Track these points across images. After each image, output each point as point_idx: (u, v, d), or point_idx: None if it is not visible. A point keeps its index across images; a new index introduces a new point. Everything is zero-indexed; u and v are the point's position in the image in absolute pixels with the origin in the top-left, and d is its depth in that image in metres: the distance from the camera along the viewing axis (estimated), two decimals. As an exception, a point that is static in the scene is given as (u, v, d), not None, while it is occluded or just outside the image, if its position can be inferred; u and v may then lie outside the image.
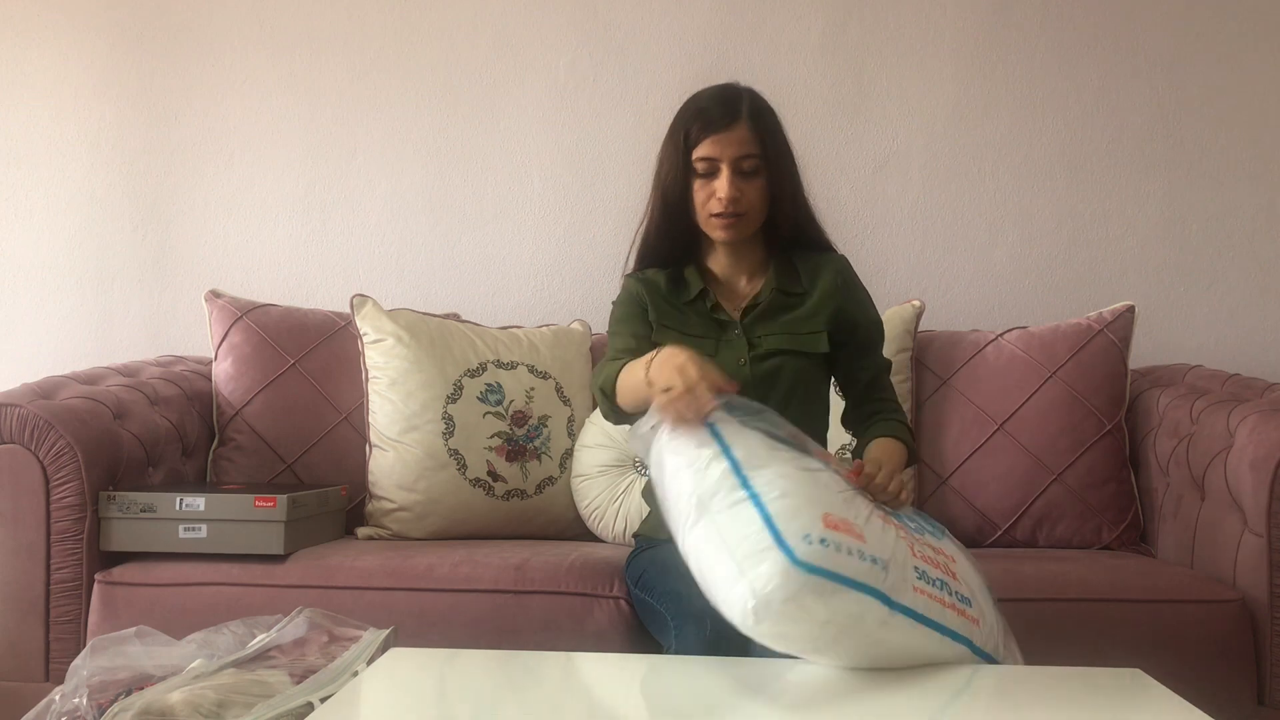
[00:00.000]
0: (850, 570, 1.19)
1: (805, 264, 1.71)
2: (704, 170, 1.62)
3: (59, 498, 1.82)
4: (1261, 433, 1.73)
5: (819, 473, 1.30)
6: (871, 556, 1.21)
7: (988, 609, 1.35)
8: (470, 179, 2.62)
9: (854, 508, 1.28)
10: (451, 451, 2.10)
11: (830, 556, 1.18)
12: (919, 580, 1.25)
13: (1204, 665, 1.66)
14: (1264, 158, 2.51)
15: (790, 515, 1.20)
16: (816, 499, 1.24)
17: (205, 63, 2.65)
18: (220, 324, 2.28)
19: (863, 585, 1.19)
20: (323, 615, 1.52)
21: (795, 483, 1.25)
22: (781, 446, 1.31)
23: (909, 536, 1.32)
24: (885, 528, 1.29)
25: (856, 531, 1.22)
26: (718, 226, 1.63)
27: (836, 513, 1.23)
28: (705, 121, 1.63)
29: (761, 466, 1.26)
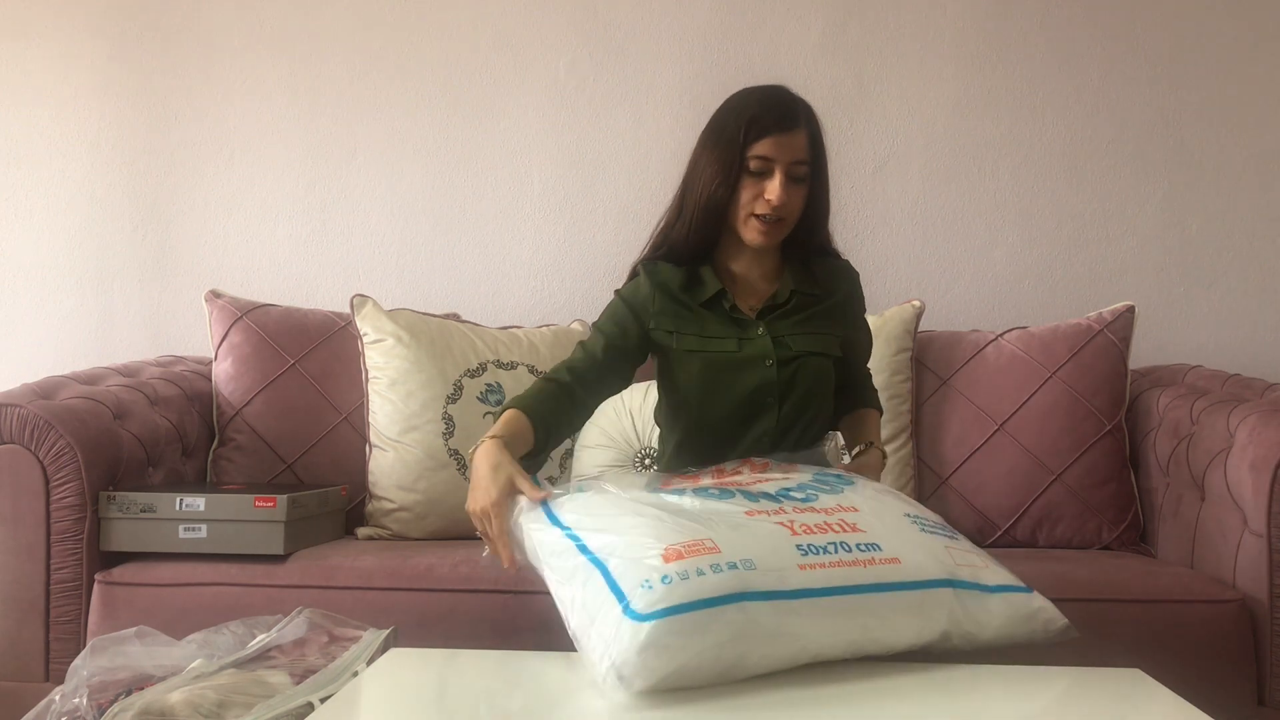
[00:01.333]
0: (708, 589, 1.18)
1: (820, 268, 1.71)
2: (757, 169, 1.60)
3: (59, 498, 1.82)
4: (1261, 433, 1.73)
5: (660, 508, 1.31)
6: (731, 563, 1.21)
7: (914, 538, 1.34)
8: (470, 179, 2.62)
9: (709, 521, 1.27)
10: (451, 451, 2.10)
11: (677, 589, 1.17)
12: (804, 557, 1.25)
13: (1204, 665, 1.66)
14: (1264, 158, 2.51)
15: (628, 568, 1.22)
16: (655, 537, 1.24)
17: (205, 63, 2.65)
18: (220, 324, 2.28)
19: (728, 596, 1.19)
20: (323, 615, 1.52)
21: (630, 532, 1.27)
22: (619, 493, 1.37)
23: (789, 514, 1.31)
24: (754, 522, 1.29)
25: (708, 546, 1.22)
26: (756, 229, 1.62)
27: (679, 539, 1.23)
28: (768, 121, 1.61)
29: (597, 529, 1.29)
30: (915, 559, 1.31)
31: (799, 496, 1.37)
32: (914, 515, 1.39)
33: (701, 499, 1.35)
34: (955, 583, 1.30)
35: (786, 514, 1.31)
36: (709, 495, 1.36)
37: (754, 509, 1.32)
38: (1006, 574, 1.37)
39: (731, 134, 1.61)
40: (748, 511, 1.31)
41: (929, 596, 1.28)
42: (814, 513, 1.33)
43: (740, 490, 1.38)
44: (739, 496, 1.36)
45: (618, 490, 1.39)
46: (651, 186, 2.51)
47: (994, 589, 1.33)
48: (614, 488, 1.40)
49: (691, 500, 1.34)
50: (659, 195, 1.79)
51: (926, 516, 1.42)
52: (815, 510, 1.34)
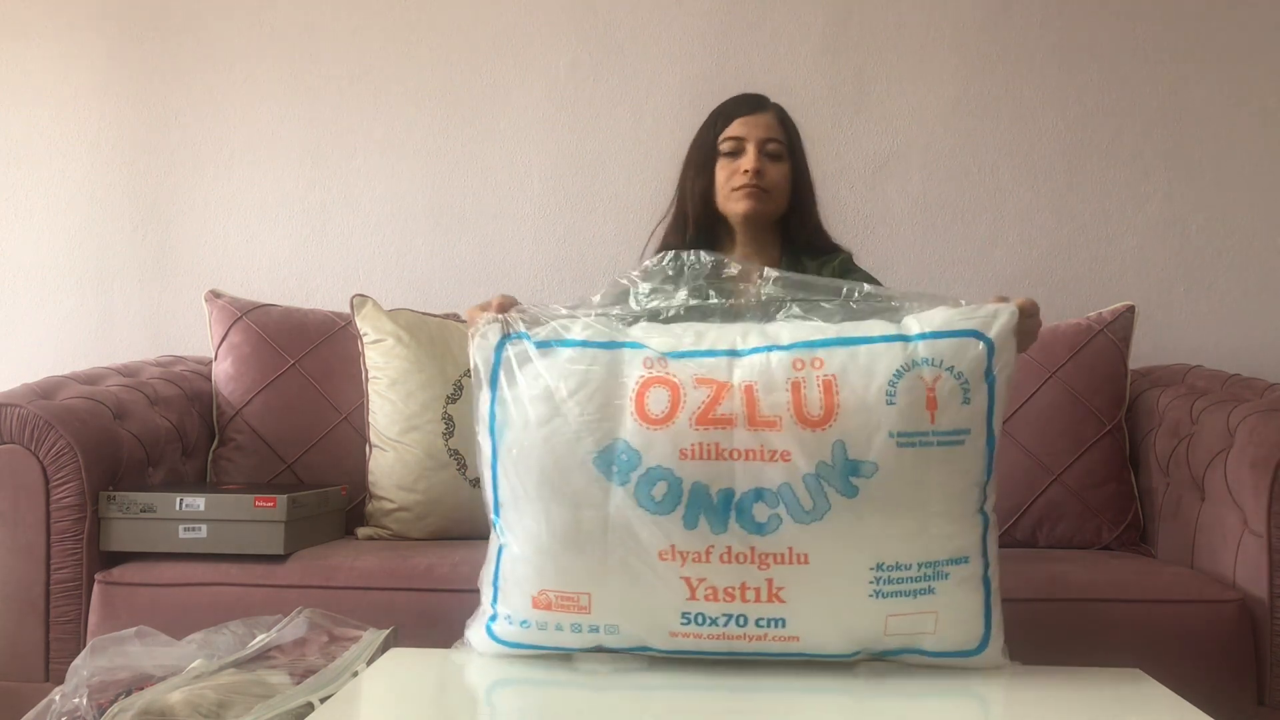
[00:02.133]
0: (563, 642, 1.28)
1: (814, 262, 1.74)
2: (729, 149, 1.68)
3: (59, 498, 1.82)
4: (1261, 433, 1.73)
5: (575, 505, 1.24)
6: (594, 626, 1.26)
7: (850, 605, 1.23)
8: (470, 179, 2.61)
9: (605, 558, 1.23)
10: (451, 451, 2.10)
11: (534, 634, 1.29)
12: (684, 626, 1.24)
13: (1204, 665, 1.66)
14: (1264, 158, 2.51)
15: (509, 585, 1.30)
16: (536, 572, 1.27)
17: (205, 63, 2.65)
18: (220, 324, 2.28)
19: (567, 648, 1.29)
20: (323, 615, 1.52)
21: (524, 541, 1.29)
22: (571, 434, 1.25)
23: (709, 560, 1.21)
24: (655, 571, 1.22)
25: (580, 605, 1.25)
26: (740, 197, 1.67)
27: (556, 586, 1.26)
28: (734, 107, 1.71)
29: (515, 503, 1.30)
30: (822, 636, 1.25)
31: (760, 519, 1.22)
32: (889, 565, 1.23)
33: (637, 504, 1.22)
34: (868, 651, 1.27)
35: (704, 561, 1.22)
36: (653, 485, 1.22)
37: (675, 545, 1.22)
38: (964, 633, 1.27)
39: (704, 132, 1.73)
40: (662, 552, 1.22)
41: (821, 659, 1.26)
42: (743, 564, 1.22)
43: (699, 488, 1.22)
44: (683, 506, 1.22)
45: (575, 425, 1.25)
46: (651, 186, 2.50)
47: (931, 654, 1.27)
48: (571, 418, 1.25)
49: (623, 501, 1.22)
50: (659, 195, 1.80)
51: (913, 559, 1.24)
52: (749, 556, 1.22)
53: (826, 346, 1.27)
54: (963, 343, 1.27)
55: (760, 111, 1.70)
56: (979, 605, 1.27)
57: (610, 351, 1.28)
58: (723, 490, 1.22)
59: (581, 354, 1.28)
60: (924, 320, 1.30)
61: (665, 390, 1.25)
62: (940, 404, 1.24)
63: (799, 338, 1.28)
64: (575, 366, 1.27)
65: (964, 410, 1.25)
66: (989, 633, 1.28)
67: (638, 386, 1.25)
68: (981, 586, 1.28)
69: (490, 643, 1.33)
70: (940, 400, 1.24)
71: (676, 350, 1.28)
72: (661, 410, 1.24)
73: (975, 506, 1.28)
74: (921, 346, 1.26)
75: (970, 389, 1.25)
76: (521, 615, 1.28)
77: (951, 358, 1.26)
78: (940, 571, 1.25)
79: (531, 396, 1.27)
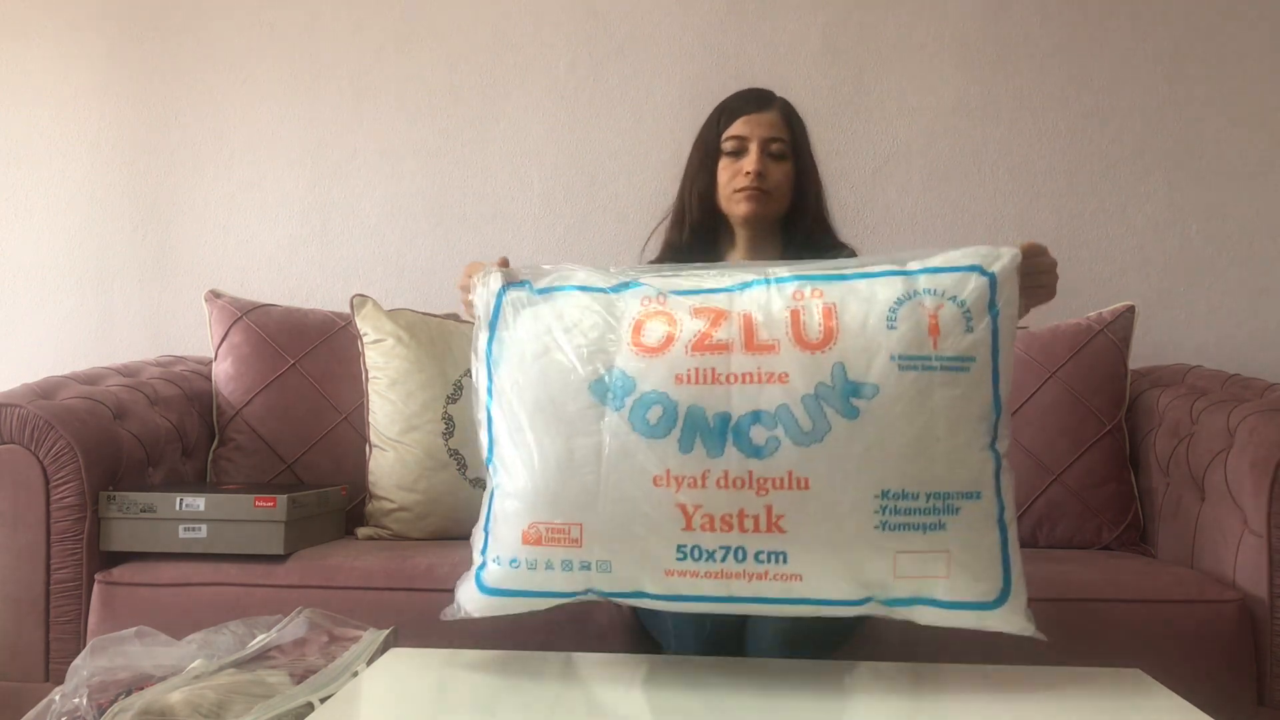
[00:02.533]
0: (553, 584, 1.24)
1: (817, 255, 1.73)
2: (732, 149, 1.65)
3: (59, 498, 1.82)
4: (1261, 433, 1.73)
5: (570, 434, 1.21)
6: (585, 563, 1.22)
7: (853, 539, 1.18)
8: (470, 179, 2.62)
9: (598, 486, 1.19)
10: (451, 451, 2.10)
11: (523, 576, 1.25)
12: (679, 562, 1.18)
13: (1204, 665, 1.66)
14: (1264, 158, 2.51)
15: (499, 526, 1.27)
16: (527, 505, 1.24)
17: (205, 63, 2.65)
18: (220, 324, 2.28)
19: (558, 593, 1.25)
20: (323, 615, 1.52)
21: (515, 473, 1.25)
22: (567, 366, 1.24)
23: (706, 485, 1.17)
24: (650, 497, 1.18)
25: (571, 537, 1.21)
26: (741, 199, 1.65)
27: (547, 517, 1.22)
28: (738, 104, 1.68)
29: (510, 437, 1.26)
30: (825, 577, 1.19)
31: (758, 441, 1.17)
32: (895, 493, 1.18)
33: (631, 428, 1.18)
34: (877, 600, 1.21)
35: (701, 486, 1.17)
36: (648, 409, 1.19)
37: (670, 469, 1.17)
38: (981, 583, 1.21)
39: (708, 129, 1.70)
40: (657, 477, 1.18)
41: (827, 610, 1.20)
42: (741, 490, 1.17)
43: (694, 411, 1.18)
44: (679, 429, 1.18)
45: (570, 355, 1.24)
46: (651, 186, 2.51)
47: (945, 604, 1.21)
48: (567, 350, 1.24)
49: (618, 426, 1.19)
50: (659, 195, 1.80)
51: (921, 489, 1.19)
52: (746, 481, 1.17)
53: (826, 280, 1.25)
54: (964, 276, 1.24)
55: (765, 109, 1.68)
56: (995, 548, 1.21)
57: (609, 295, 1.29)
58: (719, 414, 1.18)
59: (581, 295, 1.29)
60: (924, 258, 1.28)
61: (662, 321, 1.24)
62: (943, 330, 1.20)
63: (798, 272, 1.28)
64: (574, 305, 1.27)
65: (968, 338, 1.21)
66: (1009, 584, 1.21)
67: (635, 320, 1.25)
68: (997, 529, 1.21)
69: (478, 595, 1.28)
70: (943, 326, 1.21)
71: (676, 289, 1.28)
72: (658, 339, 1.22)
73: (985, 441, 1.22)
74: (922, 279, 1.24)
75: (973, 318, 1.22)
76: (511, 554, 1.24)
77: (953, 289, 1.23)
78: (951, 505, 1.19)
79: (529, 334, 1.27)
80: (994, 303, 1.23)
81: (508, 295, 1.31)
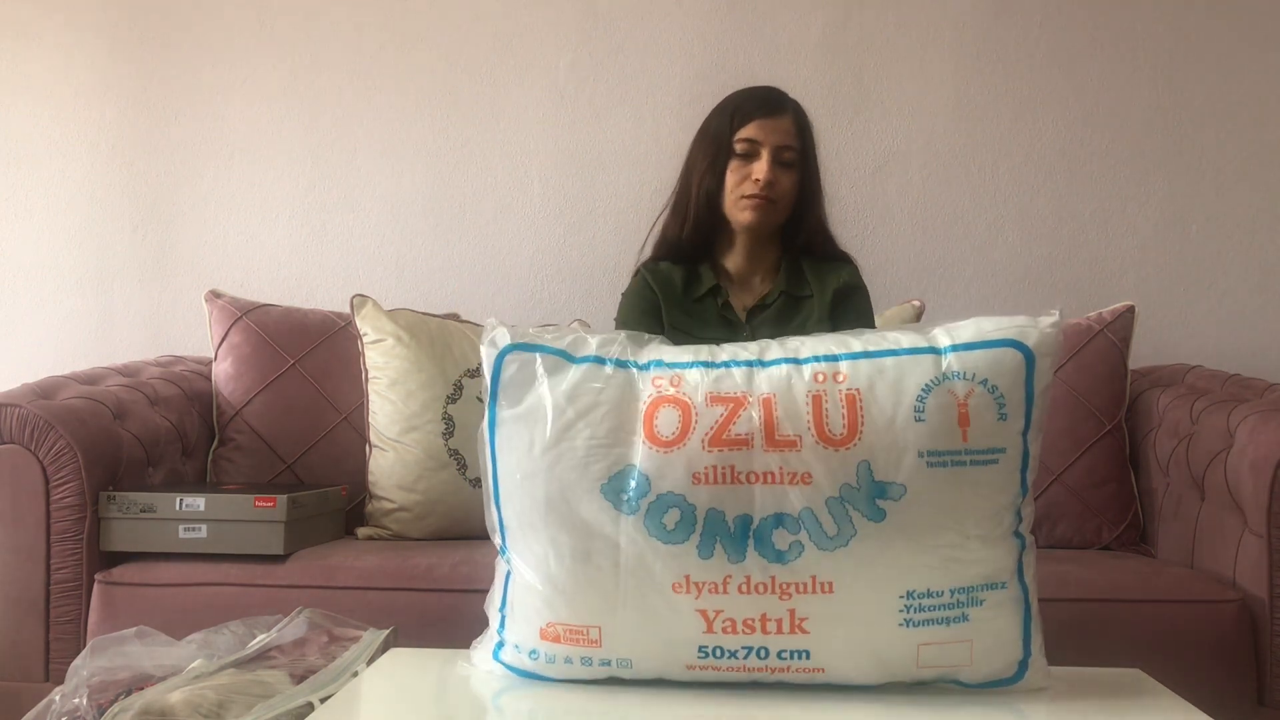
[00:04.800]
0: (575, 674, 1.23)
1: (815, 270, 1.72)
2: (743, 151, 1.63)
3: (59, 498, 1.82)
4: (1261, 433, 1.73)
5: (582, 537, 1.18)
6: (606, 660, 1.20)
7: (879, 635, 1.17)
8: (470, 179, 2.62)
9: (615, 590, 1.17)
10: (451, 451, 2.10)
11: (543, 666, 1.24)
12: (701, 659, 1.18)
13: (1204, 665, 1.66)
14: (1264, 158, 2.51)
15: (517, 613, 1.26)
16: (544, 603, 1.21)
17: (205, 63, 2.65)
18: (220, 324, 2.28)
19: (584, 680, 1.23)
20: (323, 615, 1.52)
21: (541, 574, 1.21)
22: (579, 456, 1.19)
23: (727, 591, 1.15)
24: (669, 604, 1.15)
25: (590, 639, 1.19)
26: (747, 207, 1.64)
27: (564, 619, 1.20)
28: (752, 107, 1.65)
29: (522, 531, 1.23)
30: (848, 669, 1.18)
31: (781, 546, 1.14)
32: (919, 593, 1.16)
33: (649, 534, 1.15)
34: (900, 686, 1.20)
35: (722, 592, 1.15)
36: (665, 512, 1.15)
37: (689, 575, 1.15)
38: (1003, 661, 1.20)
39: (719, 125, 1.66)
40: (676, 584, 1.15)
41: (849, 695, 1.20)
42: (763, 595, 1.14)
43: (713, 515, 1.15)
44: (697, 535, 1.15)
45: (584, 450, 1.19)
46: (651, 186, 2.50)
47: (966, 684, 1.21)
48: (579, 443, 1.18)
49: (635, 531, 1.16)
50: (659, 195, 1.79)
51: (946, 586, 1.16)
52: (769, 586, 1.15)
53: (850, 359, 1.19)
54: (998, 354, 1.18)
55: (780, 114, 1.64)
56: (1017, 631, 1.20)
57: (625, 371, 1.22)
58: (740, 516, 1.14)
59: (593, 371, 1.21)
60: (954, 332, 1.21)
61: (675, 410, 1.17)
62: (973, 421, 1.15)
63: (819, 351, 1.21)
64: (586, 385, 1.20)
65: (999, 427, 1.16)
66: (1028, 658, 1.21)
67: (647, 405, 1.18)
68: (1020, 611, 1.20)
69: (496, 667, 1.29)
70: (973, 417, 1.15)
71: (689, 361, 1.22)
72: (672, 431, 1.16)
73: (1010, 529, 1.20)
74: (953, 359, 1.18)
75: (1006, 404, 1.17)
76: (530, 645, 1.24)
77: (986, 370, 1.17)
78: (975, 598, 1.17)
79: (538, 419, 1.21)
80: (1029, 382, 1.18)
81: (510, 360, 1.27)
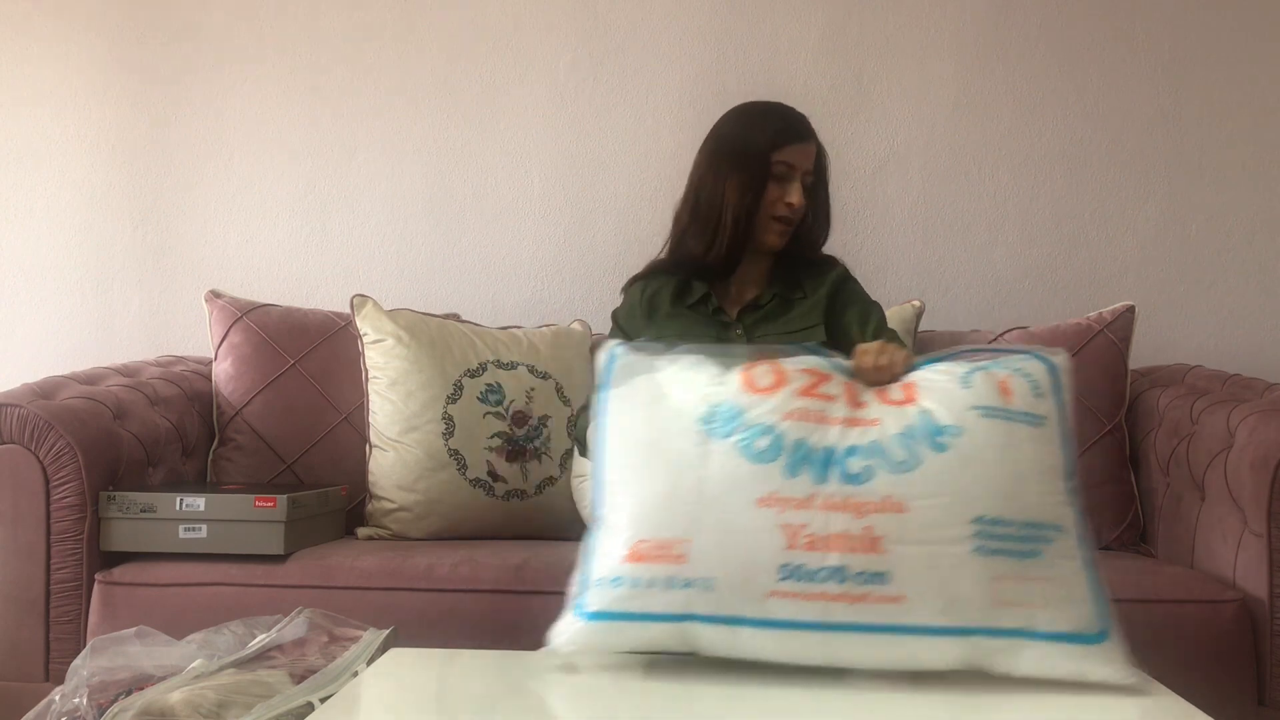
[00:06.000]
0: (655, 605, 1.22)
1: (806, 272, 1.76)
2: (780, 174, 1.68)
3: (59, 498, 1.82)
4: (1261, 433, 1.73)
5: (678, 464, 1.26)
6: (688, 581, 1.21)
7: (953, 562, 1.20)
8: (470, 179, 2.62)
9: (705, 508, 1.23)
10: (451, 452, 2.10)
11: (624, 597, 1.23)
12: (781, 582, 1.20)
13: (1204, 665, 1.66)
14: (1264, 158, 2.51)
15: (603, 550, 1.27)
16: (632, 522, 1.26)
17: (205, 63, 2.65)
18: (220, 324, 2.28)
19: (664, 615, 1.22)
20: (323, 615, 1.52)
21: (632, 502, 1.27)
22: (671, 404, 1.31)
23: (810, 507, 1.21)
24: (754, 519, 1.21)
25: (675, 554, 1.22)
26: (776, 231, 1.69)
27: (653, 535, 1.23)
28: (791, 131, 1.70)
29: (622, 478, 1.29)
30: (925, 599, 1.20)
31: (855, 470, 1.22)
32: (990, 519, 1.21)
33: (739, 454, 1.24)
34: (978, 630, 1.20)
35: (805, 508, 1.21)
36: (756, 438, 1.25)
37: (775, 492, 1.22)
38: (1081, 614, 1.22)
39: (757, 143, 1.68)
40: (761, 499, 1.22)
41: (928, 643, 1.20)
42: (841, 512, 1.21)
43: (800, 443, 1.24)
44: (785, 456, 1.24)
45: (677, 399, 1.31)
46: (651, 186, 2.51)
47: (1045, 636, 1.21)
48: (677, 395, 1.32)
49: (725, 454, 1.25)
50: (659, 195, 1.80)
51: (1014, 516, 1.22)
52: (846, 505, 1.21)
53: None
54: (1025, 359, 1.34)
55: (810, 140, 1.70)
56: (1087, 583, 1.24)
57: (719, 356, 1.37)
58: (824, 447, 1.24)
59: (690, 356, 1.37)
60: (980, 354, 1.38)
61: (770, 369, 1.32)
62: (1014, 392, 1.28)
63: None
64: (684, 361, 1.35)
65: (1037, 400, 1.28)
66: (1107, 623, 1.23)
67: (746, 364, 1.33)
68: (1085, 567, 1.25)
69: (578, 623, 1.25)
70: (1014, 390, 1.28)
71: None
72: (768, 383, 1.30)
73: (1065, 489, 1.27)
74: (985, 359, 1.34)
75: (1040, 390, 1.29)
76: (614, 572, 1.24)
77: (1019, 366, 1.32)
78: (1044, 535, 1.23)
79: (642, 386, 1.33)
80: (1057, 385, 1.31)
81: (622, 357, 1.37)
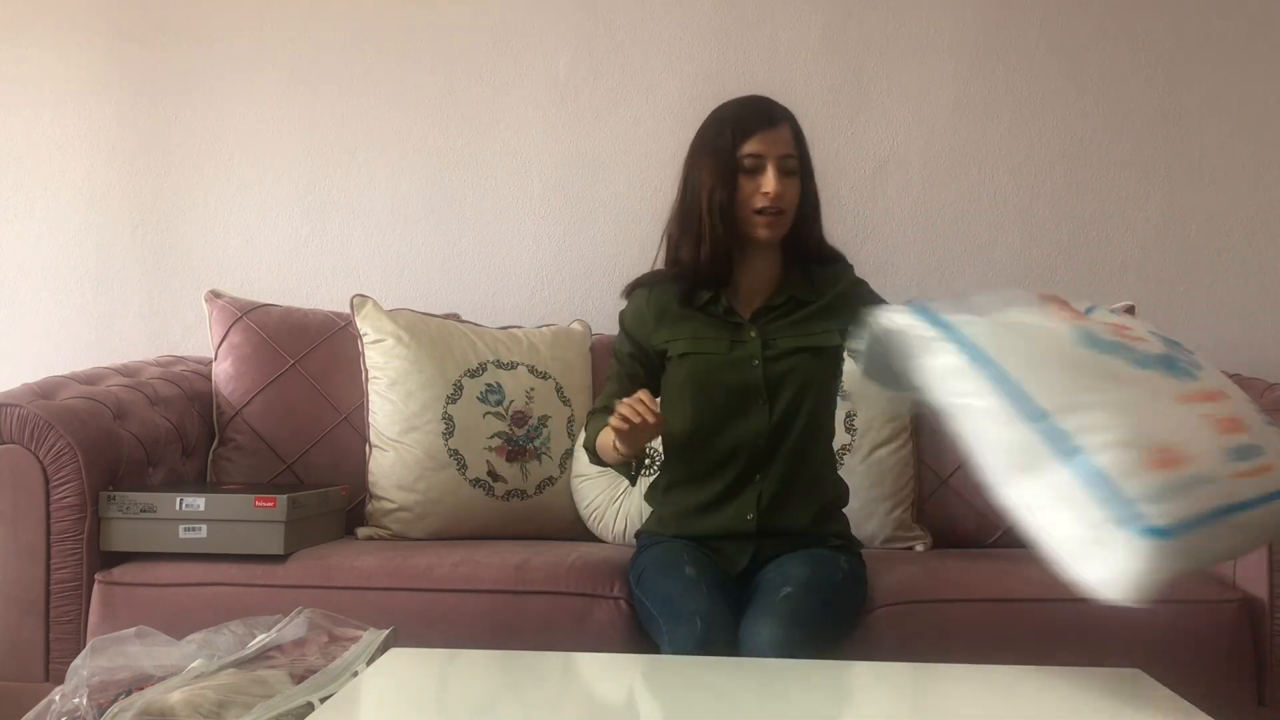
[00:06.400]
0: (1195, 508, 1.07)
1: (820, 274, 1.74)
2: (750, 166, 1.65)
3: (59, 498, 1.82)
4: (1262, 433, 1.72)
5: (1103, 376, 1.16)
6: (1193, 475, 1.08)
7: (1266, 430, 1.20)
8: (470, 179, 2.62)
9: (1172, 415, 1.14)
10: (451, 452, 2.10)
11: (1177, 507, 1.06)
12: (1236, 461, 1.12)
13: (1204, 665, 1.66)
14: (1264, 158, 2.51)
15: (1127, 470, 1.07)
16: (1140, 430, 1.10)
17: (205, 63, 2.65)
18: (220, 324, 2.28)
19: (1207, 515, 1.08)
20: (323, 615, 1.52)
21: (1117, 411, 1.11)
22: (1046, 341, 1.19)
23: (1204, 402, 1.18)
24: (1188, 414, 1.14)
25: (1175, 455, 1.09)
26: (761, 224, 1.66)
27: (1160, 439, 1.10)
28: (751, 120, 1.67)
29: (1071, 404, 1.11)
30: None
31: (1189, 369, 1.21)
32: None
33: (1133, 364, 1.18)
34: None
35: (1201, 402, 1.16)
36: (1128, 348, 1.21)
37: (1179, 389, 1.18)
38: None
39: (719, 142, 1.66)
40: (1181, 396, 1.16)
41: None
42: (1211, 400, 1.18)
43: (1148, 354, 1.21)
44: (1156, 365, 1.20)
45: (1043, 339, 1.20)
46: (651, 186, 2.50)
47: None
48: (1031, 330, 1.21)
49: (1124, 365, 1.18)
50: (659, 195, 1.80)
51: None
52: (1207, 395, 1.18)
53: None
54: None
55: (778, 125, 1.66)
56: None
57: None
58: (1158, 354, 1.23)
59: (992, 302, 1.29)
60: None
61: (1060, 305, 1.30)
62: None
63: None
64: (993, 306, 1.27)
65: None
66: None
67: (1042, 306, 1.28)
68: None
69: (1153, 544, 1.06)
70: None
71: None
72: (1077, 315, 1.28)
73: None
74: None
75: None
76: (1156, 484, 1.07)
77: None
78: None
79: (1011, 322, 1.24)
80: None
81: (949, 311, 1.24)
